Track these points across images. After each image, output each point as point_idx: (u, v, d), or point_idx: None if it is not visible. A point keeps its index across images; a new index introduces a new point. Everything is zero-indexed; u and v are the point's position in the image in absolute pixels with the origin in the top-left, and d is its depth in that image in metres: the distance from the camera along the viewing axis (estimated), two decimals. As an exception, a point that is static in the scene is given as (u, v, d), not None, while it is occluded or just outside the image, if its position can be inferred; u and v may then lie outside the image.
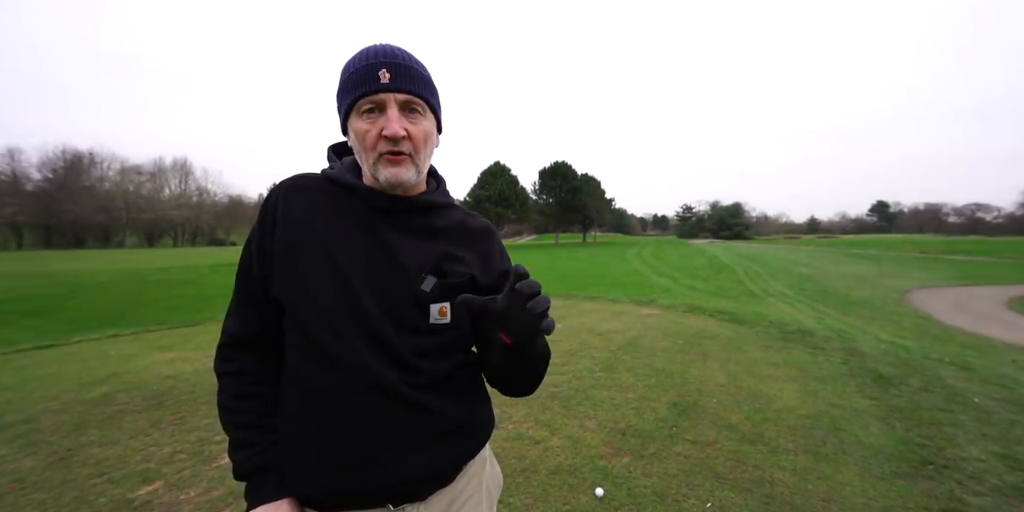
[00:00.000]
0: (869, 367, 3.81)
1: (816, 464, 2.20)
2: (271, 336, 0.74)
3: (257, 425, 0.72)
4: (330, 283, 0.68)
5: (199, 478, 2.10)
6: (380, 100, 0.68)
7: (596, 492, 1.99)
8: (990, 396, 3.20)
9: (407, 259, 0.72)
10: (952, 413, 2.83)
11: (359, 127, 0.69)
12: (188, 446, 2.43)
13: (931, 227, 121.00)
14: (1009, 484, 2.03)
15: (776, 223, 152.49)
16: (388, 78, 0.67)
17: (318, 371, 0.68)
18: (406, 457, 0.69)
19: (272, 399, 0.74)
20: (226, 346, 0.75)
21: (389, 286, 0.70)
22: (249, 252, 0.73)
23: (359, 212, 0.73)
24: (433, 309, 0.72)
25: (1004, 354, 5.66)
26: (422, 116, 0.71)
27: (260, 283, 0.72)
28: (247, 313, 0.74)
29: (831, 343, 4.69)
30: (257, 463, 0.70)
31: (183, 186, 73.36)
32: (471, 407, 0.79)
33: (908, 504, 1.88)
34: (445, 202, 0.80)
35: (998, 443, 2.43)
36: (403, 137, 0.68)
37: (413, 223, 0.76)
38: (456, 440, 0.75)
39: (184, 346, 4.87)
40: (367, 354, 0.67)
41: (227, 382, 0.74)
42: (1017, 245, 40.14)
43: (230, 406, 0.73)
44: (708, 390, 3.22)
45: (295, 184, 0.74)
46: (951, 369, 3.90)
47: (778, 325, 5.59)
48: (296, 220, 0.71)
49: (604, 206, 62.89)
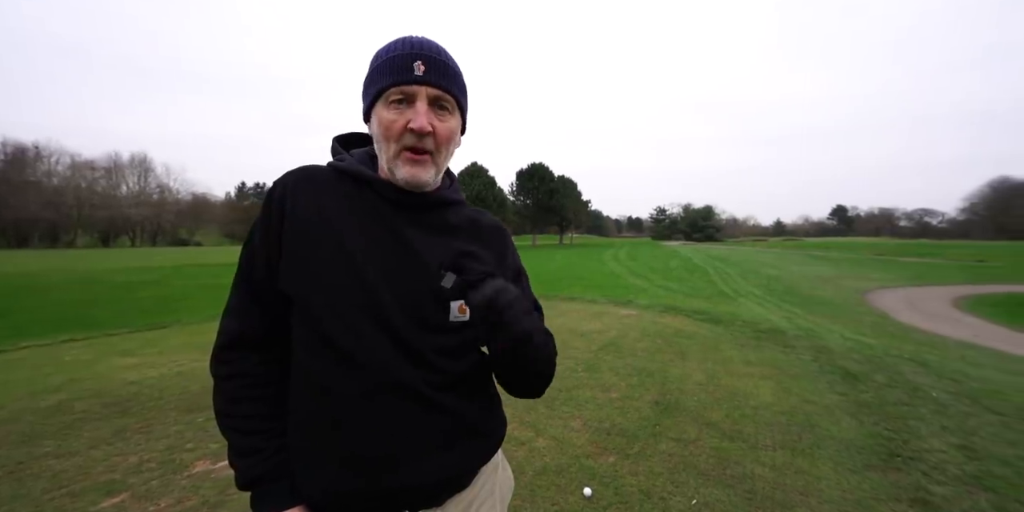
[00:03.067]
0: (837, 364, 3.99)
1: (793, 459, 2.28)
2: (274, 335, 0.71)
3: (261, 430, 0.68)
4: (346, 277, 0.65)
5: (170, 488, 1.99)
6: (411, 92, 0.66)
7: (584, 492, 2.00)
8: (946, 390, 3.41)
9: (426, 255, 0.70)
10: (914, 407, 2.99)
11: (385, 116, 0.67)
12: (157, 455, 2.30)
13: (885, 230, 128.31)
14: (968, 473, 2.16)
15: (745, 226, 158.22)
16: (423, 71, 0.66)
17: (332, 370, 0.64)
18: (426, 460, 0.66)
19: (277, 402, 0.70)
20: (225, 347, 0.71)
21: (409, 282, 0.68)
22: (252, 246, 0.70)
23: (373, 205, 0.70)
24: (453, 306, 0.70)
25: (954, 350, 6.03)
26: (450, 114, 0.70)
27: (266, 278, 0.69)
28: (249, 311, 0.70)
29: (801, 341, 4.88)
30: (263, 470, 0.67)
31: (142, 183, 69.56)
32: (488, 408, 0.78)
33: (879, 495, 1.97)
34: (458, 199, 0.79)
35: (956, 435, 2.58)
36: (428, 132, 0.66)
37: (428, 219, 0.74)
38: (474, 442, 0.73)
39: (148, 350, 4.61)
40: (386, 352, 0.65)
41: (226, 385, 0.70)
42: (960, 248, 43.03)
43: (230, 410, 0.69)
44: (688, 389, 3.30)
45: (303, 176, 0.71)
46: (910, 365, 4.13)
47: (751, 324, 5.78)
48: (307, 212, 0.68)
49: (581, 208, 63.71)
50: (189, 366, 3.93)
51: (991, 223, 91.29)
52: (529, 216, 56.06)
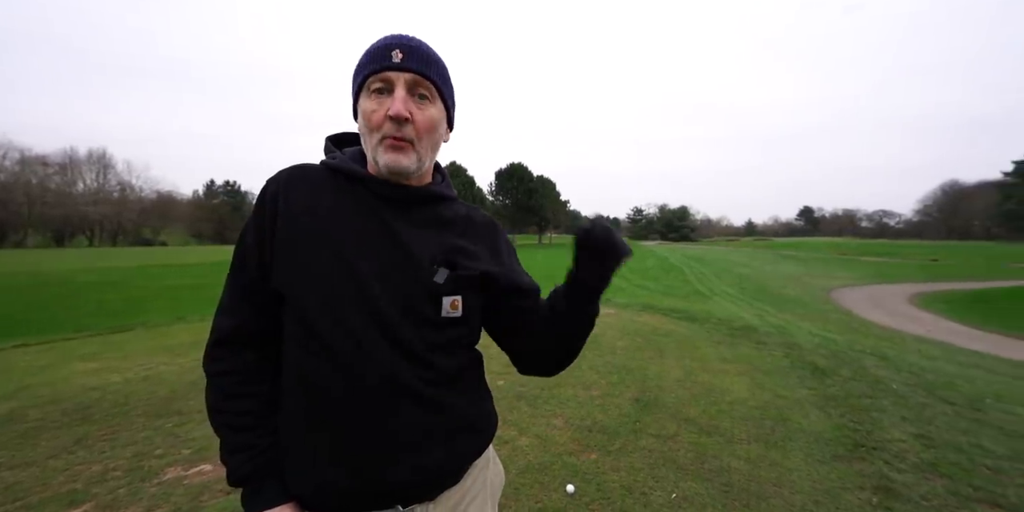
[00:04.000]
0: (807, 359, 4.15)
1: (767, 452, 2.36)
2: (267, 332, 0.70)
3: (253, 426, 0.68)
4: (338, 273, 0.65)
5: (138, 496, 1.91)
6: (389, 78, 0.67)
7: (567, 489, 2.02)
8: (905, 383, 3.60)
9: (418, 250, 0.70)
10: (876, 399, 3.15)
11: (366, 107, 0.68)
12: (123, 462, 2.19)
13: (848, 230, 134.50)
14: (925, 461, 2.29)
15: (718, 226, 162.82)
16: (400, 57, 0.67)
17: (323, 366, 0.64)
18: (419, 455, 0.66)
19: (269, 399, 0.70)
20: (218, 344, 0.70)
21: (401, 277, 0.68)
22: (245, 244, 0.70)
23: (365, 201, 0.70)
24: (445, 302, 0.69)
25: (911, 344, 6.39)
26: (430, 102, 0.70)
27: (258, 276, 0.69)
28: (242, 308, 0.70)
29: (773, 338, 5.07)
30: (255, 466, 0.66)
31: (101, 180, 65.99)
32: (479, 403, 0.78)
33: (846, 484, 2.07)
34: (450, 194, 0.79)
35: (915, 424, 2.74)
36: (406, 119, 0.66)
37: (421, 214, 0.74)
38: (467, 437, 0.74)
39: (110, 355, 4.39)
40: (378, 347, 0.64)
41: (219, 381, 0.69)
42: (915, 248, 45.54)
43: (223, 407, 0.69)
44: (666, 386, 3.37)
45: (296, 174, 0.71)
46: (872, 359, 4.35)
47: (725, 322, 5.96)
48: (300, 210, 0.68)
49: (560, 208, 64.18)
50: (156, 370, 3.77)
51: (943, 224, 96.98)
52: (508, 216, 56.11)
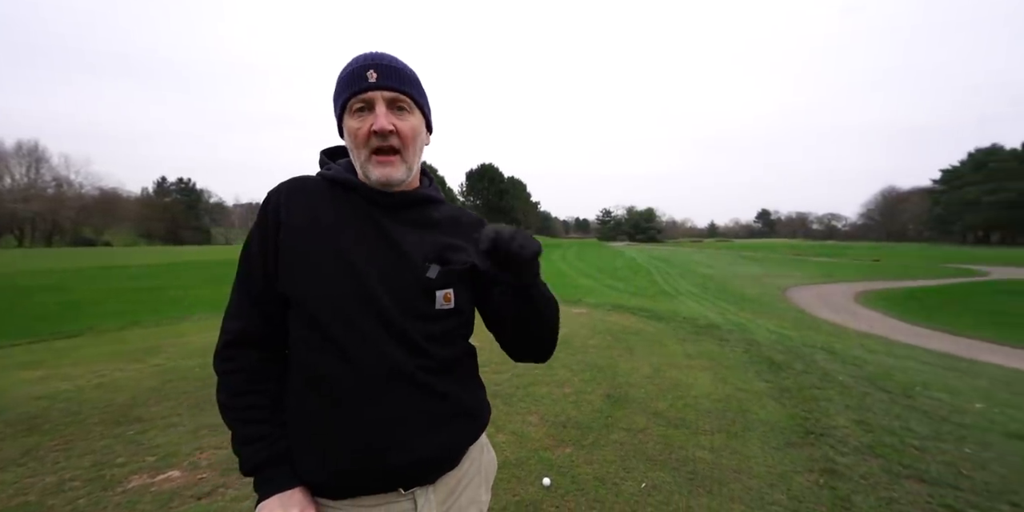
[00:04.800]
0: (764, 355, 4.43)
1: (728, 441, 2.52)
2: (273, 334, 0.76)
3: (263, 420, 0.73)
4: (341, 275, 0.71)
5: (101, 505, 1.85)
6: (369, 98, 0.72)
7: (543, 482, 2.10)
8: (849, 374, 3.91)
9: (411, 249, 0.76)
10: (825, 390, 3.41)
11: (351, 125, 0.74)
12: (81, 472, 2.10)
13: (801, 232, 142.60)
14: (864, 444, 2.52)
15: (683, 227, 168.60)
16: (375, 78, 0.72)
17: (331, 361, 0.69)
18: (421, 440, 0.72)
19: (276, 395, 0.75)
20: (227, 345, 0.75)
21: (397, 275, 0.73)
22: (250, 252, 0.76)
23: (360, 208, 0.76)
24: (439, 295, 0.76)
25: (855, 339, 6.89)
26: (409, 113, 0.76)
27: (264, 281, 0.74)
28: (249, 312, 0.75)
29: (734, 335, 5.35)
30: (267, 455, 0.71)
31: (32, 175, 60.38)
32: (474, 392, 0.84)
33: (797, 468, 2.25)
34: (438, 196, 0.86)
35: (856, 412, 2.99)
36: (391, 131, 0.72)
37: (411, 216, 0.80)
38: (464, 422, 0.80)
39: (57, 362, 4.11)
40: (381, 341, 0.70)
41: (230, 380, 0.75)
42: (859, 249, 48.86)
43: (234, 403, 0.74)
44: (636, 382, 3.52)
45: (295, 186, 0.77)
46: (822, 353, 4.68)
47: (690, 320, 6.24)
48: (300, 220, 0.73)
49: (530, 209, 64.66)
50: (112, 376, 3.58)
51: (883, 227, 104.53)
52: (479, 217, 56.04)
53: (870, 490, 2.04)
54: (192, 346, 4.72)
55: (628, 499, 1.98)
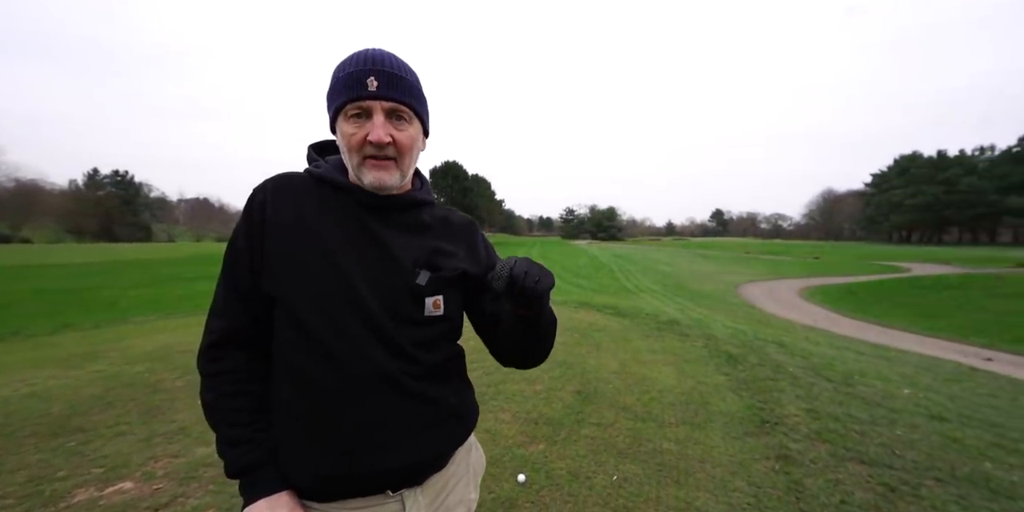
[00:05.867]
0: (722, 349, 4.67)
1: (692, 433, 2.65)
2: (259, 334, 0.74)
3: (249, 422, 0.72)
4: (328, 278, 0.70)
5: (40, 526, 1.68)
6: (367, 106, 0.70)
7: (518, 479, 2.12)
8: (798, 366, 4.20)
9: (401, 254, 0.75)
10: (777, 381, 3.65)
11: (346, 130, 0.71)
12: (15, 489, 1.92)
13: (751, 231, 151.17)
14: (813, 431, 2.72)
15: (643, 226, 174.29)
16: (376, 86, 0.70)
17: (316, 364, 0.68)
18: (408, 443, 0.72)
19: (262, 396, 0.74)
20: (212, 345, 0.73)
21: (386, 280, 0.73)
22: (235, 250, 0.73)
23: (349, 209, 0.75)
24: (428, 302, 0.75)
25: (801, 332, 7.42)
26: (408, 123, 0.74)
27: (249, 280, 0.72)
28: (235, 311, 0.73)
29: (693, 330, 5.60)
30: (253, 459, 0.70)
31: (-71, 164, 53.64)
32: (462, 394, 0.84)
33: (755, 455, 2.40)
34: (429, 199, 0.84)
35: (805, 401, 3.22)
36: (388, 143, 0.71)
37: (402, 219, 0.79)
38: (451, 425, 0.80)
39: (-24, 370, 3.71)
40: (368, 345, 0.69)
41: (214, 381, 0.73)
42: (802, 247, 52.47)
43: (219, 405, 0.72)
44: (604, 377, 3.62)
45: (282, 183, 0.75)
46: (774, 346, 5.00)
47: (653, 317, 6.47)
48: (287, 218, 0.71)
49: (495, 207, 64.62)
50: (44, 385, 3.27)
51: (823, 226, 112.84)
52: (444, 213, 55.37)
53: (819, 473, 2.21)
54: (136, 351, 4.39)
55: (601, 492, 2.04)
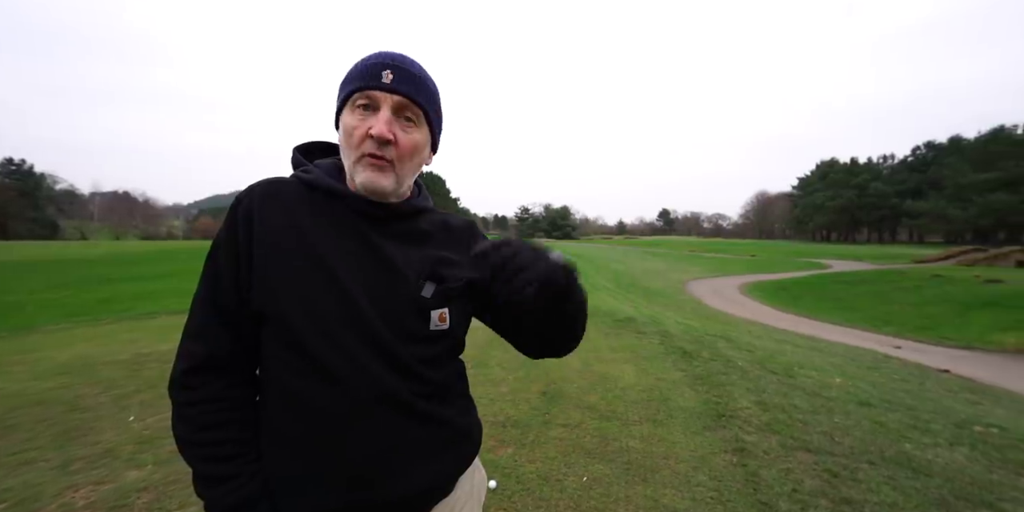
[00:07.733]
0: (676, 345, 4.87)
1: (655, 430, 2.73)
2: (244, 356, 0.67)
3: (235, 455, 0.64)
4: (325, 292, 0.64)
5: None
6: (376, 97, 0.66)
7: (489, 484, 2.07)
8: (745, 360, 4.47)
9: (404, 266, 0.70)
10: (729, 375, 3.85)
11: (348, 122, 0.67)
12: None
13: (695, 230, 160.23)
14: (764, 422, 2.89)
15: (595, 225, 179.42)
16: (390, 78, 0.66)
17: (315, 387, 0.63)
18: (419, 469, 0.67)
19: (248, 425, 0.67)
20: (189, 371, 0.66)
21: (389, 294, 0.67)
22: (217, 263, 0.67)
23: (345, 218, 0.69)
24: (434, 315, 0.70)
25: (745, 327, 7.94)
26: (415, 126, 0.70)
27: (234, 298, 0.66)
28: (216, 333, 0.66)
29: (649, 328, 5.81)
30: (239, 497, 0.63)
31: None
32: (467, 413, 0.79)
33: (714, 449, 2.51)
34: (428, 206, 0.80)
35: (755, 394, 3.42)
36: (389, 140, 0.65)
37: (402, 229, 0.74)
38: (458, 448, 0.75)
39: None
40: (373, 365, 0.64)
41: (191, 412, 0.65)
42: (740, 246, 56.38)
43: (196, 439, 0.64)
44: (568, 377, 3.65)
45: (269, 190, 0.69)
46: (722, 341, 5.29)
47: (610, 315, 6.64)
48: (277, 228, 0.66)
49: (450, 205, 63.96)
50: (-73, 411, 2.78)
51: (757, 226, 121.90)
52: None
53: (772, 464, 2.35)
54: (47, 364, 3.88)
55: (572, 494, 2.04)
